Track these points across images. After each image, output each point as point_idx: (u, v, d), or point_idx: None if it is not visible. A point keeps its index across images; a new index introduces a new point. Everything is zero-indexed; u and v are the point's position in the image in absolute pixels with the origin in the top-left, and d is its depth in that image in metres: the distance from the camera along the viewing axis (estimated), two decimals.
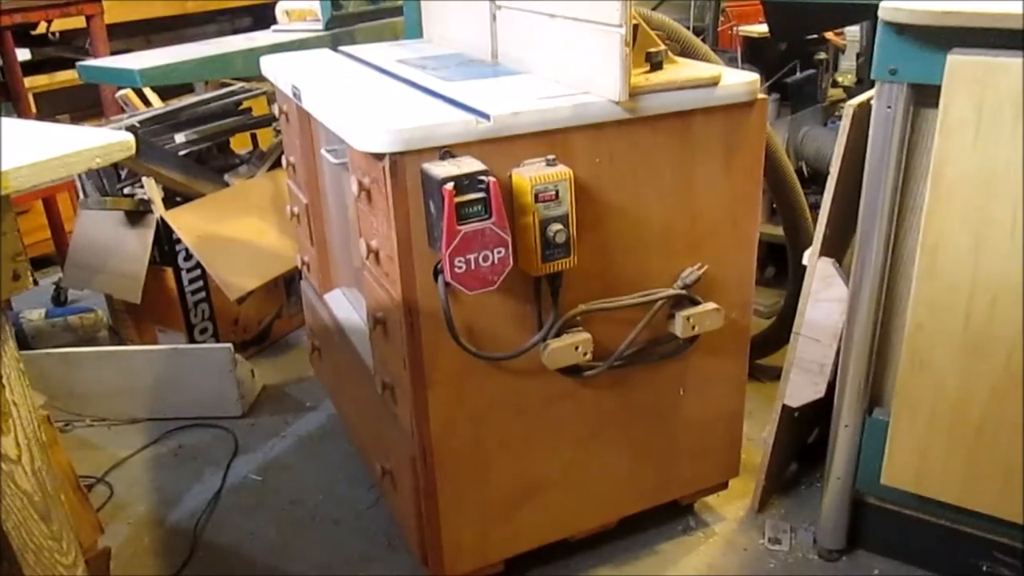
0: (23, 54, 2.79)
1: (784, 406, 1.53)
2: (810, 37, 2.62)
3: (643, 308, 1.30)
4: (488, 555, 1.39)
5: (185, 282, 2.19)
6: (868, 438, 1.40)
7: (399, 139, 1.09)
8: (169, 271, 2.17)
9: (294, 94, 1.47)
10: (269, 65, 1.67)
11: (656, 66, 1.23)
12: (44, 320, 2.31)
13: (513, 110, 1.12)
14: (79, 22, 2.74)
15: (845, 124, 1.35)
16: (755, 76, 1.27)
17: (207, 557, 1.60)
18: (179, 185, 2.19)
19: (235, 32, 3.59)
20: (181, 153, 2.23)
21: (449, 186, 1.05)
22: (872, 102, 1.25)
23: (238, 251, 2.19)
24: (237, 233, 2.21)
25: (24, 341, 2.26)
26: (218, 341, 2.26)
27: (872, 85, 1.24)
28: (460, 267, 1.09)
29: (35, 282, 0.93)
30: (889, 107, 1.21)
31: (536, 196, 1.11)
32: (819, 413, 1.60)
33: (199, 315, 2.23)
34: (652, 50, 1.22)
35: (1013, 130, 1.10)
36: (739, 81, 1.25)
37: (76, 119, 3.15)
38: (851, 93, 2.62)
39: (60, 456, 1.33)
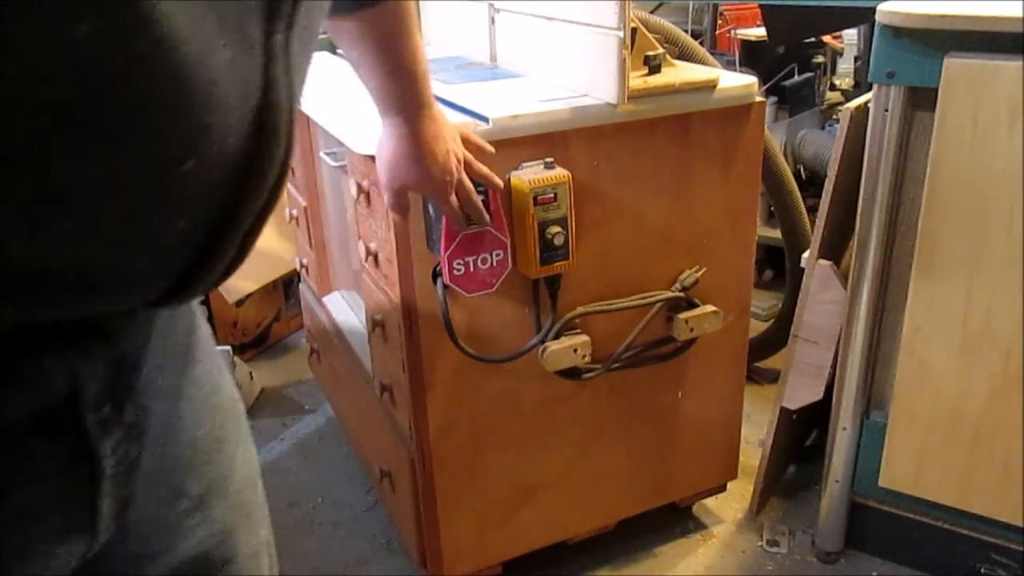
0: None
1: (782, 408, 1.53)
2: (808, 40, 2.63)
3: (641, 310, 1.30)
4: (486, 557, 1.39)
5: None
6: (866, 440, 1.40)
7: None
8: None
9: None
10: None
11: (654, 69, 1.23)
12: None
13: (512, 113, 1.13)
14: None
15: (843, 127, 1.35)
16: (753, 79, 1.28)
17: None
18: None
19: None
20: None
21: None
22: (869, 105, 1.25)
23: None
24: None
25: None
26: (217, 343, 2.26)
27: (869, 88, 1.24)
28: (459, 269, 1.09)
29: None
30: (886, 110, 1.22)
31: (535, 199, 1.11)
32: (817, 415, 1.60)
33: None
34: (650, 53, 1.23)
35: (1010, 132, 1.11)
36: (737, 84, 1.25)
37: None
38: (849, 96, 2.63)
39: None
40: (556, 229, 1.13)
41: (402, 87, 0.90)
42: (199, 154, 0.36)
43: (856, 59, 2.81)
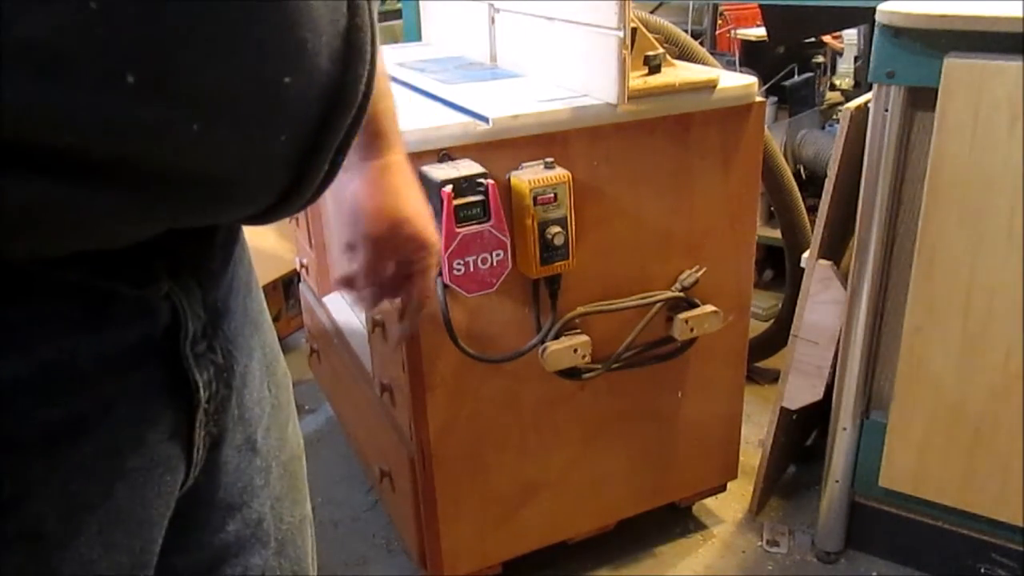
0: None
1: (782, 408, 1.53)
2: (808, 40, 2.63)
3: (641, 310, 1.30)
4: (486, 557, 1.39)
5: None
6: (866, 440, 1.40)
7: None
8: None
9: None
10: None
11: (654, 69, 1.23)
12: None
13: (512, 113, 1.13)
14: None
15: (843, 127, 1.35)
16: (753, 79, 1.28)
17: None
18: None
19: None
20: None
21: (448, 189, 1.05)
22: (869, 105, 1.25)
23: None
24: None
25: None
26: None
27: (869, 88, 1.24)
28: (459, 269, 1.09)
29: None
30: (886, 110, 1.22)
31: (535, 199, 1.11)
32: (817, 415, 1.60)
33: None
34: (650, 53, 1.23)
35: (1010, 132, 1.11)
36: (737, 84, 1.25)
37: None
38: (849, 96, 2.63)
39: None
40: (556, 229, 1.13)
41: (384, 106, 0.72)
42: (297, 70, 0.41)
43: (856, 59, 2.81)
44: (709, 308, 1.34)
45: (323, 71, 0.42)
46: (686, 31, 1.65)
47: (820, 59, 2.60)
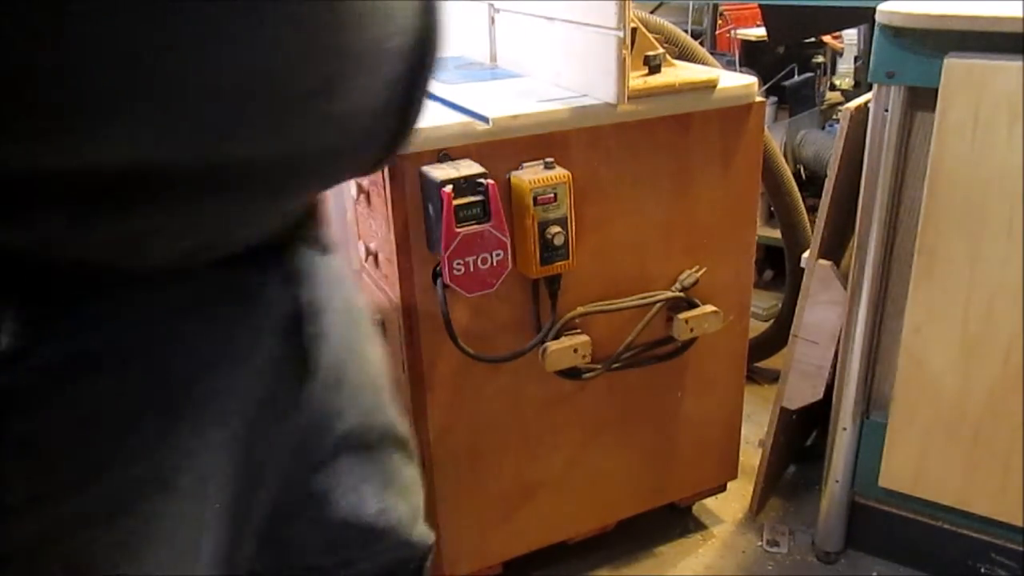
0: None
1: (782, 408, 1.53)
2: (808, 41, 2.63)
3: (641, 310, 1.30)
4: (486, 557, 1.39)
5: None
6: (866, 440, 1.40)
7: None
8: None
9: None
10: None
11: (654, 69, 1.23)
12: None
13: (512, 113, 1.13)
14: None
15: (843, 127, 1.35)
16: (753, 79, 1.28)
17: None
18: None
19: None
20: None
21: (448, 189, 1.05)
22: (869, 105, 1.25)
23: None
24: None
25: None
26: None
27: (869, 88, 1.24)
28: (459, 269, 1.09)
29: None
30: (886, 110, 1.22)
31: (535, 199, 1.11)
32: (817, 415, 1.60)
33: None
34: (650, 53, 1.23)
35: (1010, 132, 1.11)
36: (737, 84, 1.25)
37: None
38: (849, 96, 2.63)
39: None
40: (556, 229, 1.13)
41: None
42: (396, 33, 0.49)
43: (856, 59, 2.81)
44: (709, 308, 1.34)
45: (413, 27, 0.50)
46: (686, 31, 1.65)
47: (820, 59, 2.60)
